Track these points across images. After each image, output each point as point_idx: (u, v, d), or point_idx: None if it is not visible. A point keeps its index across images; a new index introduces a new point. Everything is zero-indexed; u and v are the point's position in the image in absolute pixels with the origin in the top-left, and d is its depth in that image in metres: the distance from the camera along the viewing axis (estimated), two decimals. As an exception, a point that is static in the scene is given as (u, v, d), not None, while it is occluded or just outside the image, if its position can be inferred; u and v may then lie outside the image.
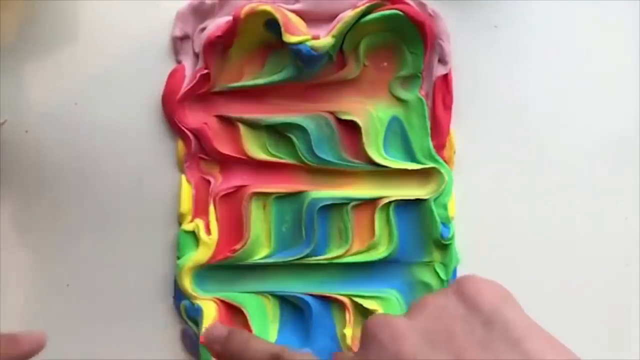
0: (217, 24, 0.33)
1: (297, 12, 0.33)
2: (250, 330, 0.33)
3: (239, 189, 0.34)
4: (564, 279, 0.34)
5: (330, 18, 0.33)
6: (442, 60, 0.34)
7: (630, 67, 0.35)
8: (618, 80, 0.34)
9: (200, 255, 0.33)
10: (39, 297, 0.34)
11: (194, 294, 0.33)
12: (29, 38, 0.35)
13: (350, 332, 0.33)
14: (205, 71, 0.33)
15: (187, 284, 0.33)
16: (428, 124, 0.33)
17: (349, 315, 0.33)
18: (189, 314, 0.33)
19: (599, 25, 0.35)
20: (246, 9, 0.32)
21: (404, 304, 0.33)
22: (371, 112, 0.34)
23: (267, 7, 0.32)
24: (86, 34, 0.35)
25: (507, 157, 0.34)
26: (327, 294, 0.33)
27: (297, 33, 0.32)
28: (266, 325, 0.33)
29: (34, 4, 0.35)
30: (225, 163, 0.34)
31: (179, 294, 0.33)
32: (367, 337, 0.23)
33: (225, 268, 0.34)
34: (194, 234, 0.33)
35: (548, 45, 0.34)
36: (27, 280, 0.34)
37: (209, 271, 0.34)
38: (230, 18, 0.33)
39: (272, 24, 0.32)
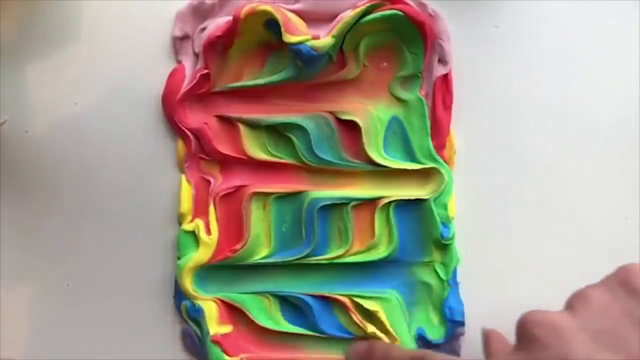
0: (217, 24, 0.33)
1: (297, 12, 0.33)
2: (256, 328, 0.33)
3: (239, 189, 0.34)
4: (565, 279, 0.34)
5: (330, 18, 0.33)
6: (442, 60, 0.33)
7: (632, 67, 0.34)
8: (619, 80, 0.34)
9: (200, 255, 0.33)
10: (39, 297, 0.34)
11: (194, 294, 0.33)
12: (29, 38, 0.35)
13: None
14: (205, 71, 0.33)
15: (188, 284, 0.33)
16: (428, 124, 0.33)
17: (356, 317, 0.33)
18: (190, 314, 0.33)
19: (599, 25, 0.35)
20: (246, 9, 0.32)
21: (404, 304, 0.33)
22: (371, 112, 0.34)
23: (267, 7, 0.32)
24: (86, 34, 0.35)
25: (507, 157, 0.34)
26: (327, 294, 0.33)
27: (297, 33, 0.32)
28: (267, 325, 0.33)
29: (34, 4, 0.35)
30: (225, 163, 0.34)
31: (179, 294, 0.33)
32: (527, 337, 0.21)
33: (225, 268, 0.34)
34: (194, 234, 0.33)
35: (548, 45, 0.34)
36: (27, 280, 0.34)
37: (209, 271, 0.34)
38: (230, 18, 0.33)
39: (272, 24, 0.32)
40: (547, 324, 0.21)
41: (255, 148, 0.34)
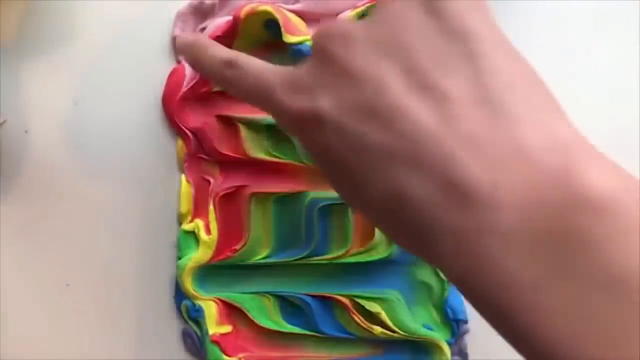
0: (217, 24, 0.33)
1: (297, 12, 0.33)
2: (255, 328, 0.33)
3: (239, 189, 0.34)
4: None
5: (330, 18, 0.33)
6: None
7: (632, 67, 0.34)
8: (619, 80, 0.34)
9: (201, 255, 0.33)
10: (39, 297, 0.34)
11: (195, 294, 0.33)
12: (29, 38, 0.35)
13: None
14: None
15: (189, 284, 0.33)
16: (428, 123, 0.33)
17: (359, 319, 0.33)
18: (190, 314, 0.33)
19: (600, 25, 0.35)
20: (246, 9, 0.32)
21: (405, 304, 0.33)
22: (371, 112, 0.33)
23: (267, 8, 0.32)
24: (86, 34, 0.35)
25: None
26: (328, 295, 0.33)
27: (297, 33, 0.32)
28: (267, 325, 0.33)
29: (34, 4, 0.35)
30: (225, 163, 0.34)
31: (180, 294, 0.33)
32: (320, 52, 0.21)
33: (225, 268, 0.34)
34: (193, 234, 0.33)
35: (548, 45, 0.34)
36: (27, 280, 0.34)
37: (209, 271, 0.34)
38: (230, 18, 0.33)
39: (271, 24, 0.32)
40: (335, 34, 0.21)
41: (255, 148, 0.34)
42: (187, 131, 0.34)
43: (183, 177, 0.34)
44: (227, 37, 0.33)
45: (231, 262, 0.33)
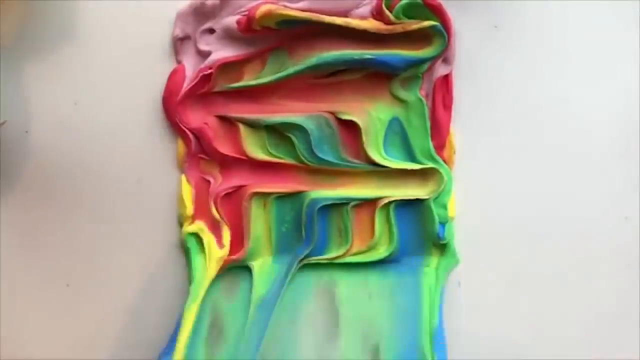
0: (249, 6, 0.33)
1: (302, 10, 0.33)
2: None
3: (239, 189, 0.34)
4: (564, 279, 0.34)
5: (336, 15, 0.33)
6: (446, 60, 0.33)
7: (632, 67, 0.35)
8: (619, 80, 0.34)
9: (210, 272, 0.33)
10: (39, 297, 0.34)
11: None
12: (29, 38, 0.35)
13: None
14: (209, 71, 0.33)
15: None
16: (428, 124, 0.33)
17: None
18: None
19: (600, 25, 0.35)
20: (262, 10, 0.32)
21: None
22: (371, 112, 0.34)
23: (285, 11, 0.32)
24: (86, 34, 0.35)
25: (507, 157, 0.34)
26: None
27: None
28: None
29: (34, 4, 0.35)
30: (225, 163, 0.34)
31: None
32: None
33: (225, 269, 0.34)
34: (197, 235, 0.33)
35: (549, 45, 0.35)
36: (27, 280, 0.34)
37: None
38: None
39: (284, 23, 0.32)
40: None
41: (255, 148, 0.34)
42: (187, 131, 0.34)
43: (183, 177, 0.34)
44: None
45: (232, 264, 0.33)
